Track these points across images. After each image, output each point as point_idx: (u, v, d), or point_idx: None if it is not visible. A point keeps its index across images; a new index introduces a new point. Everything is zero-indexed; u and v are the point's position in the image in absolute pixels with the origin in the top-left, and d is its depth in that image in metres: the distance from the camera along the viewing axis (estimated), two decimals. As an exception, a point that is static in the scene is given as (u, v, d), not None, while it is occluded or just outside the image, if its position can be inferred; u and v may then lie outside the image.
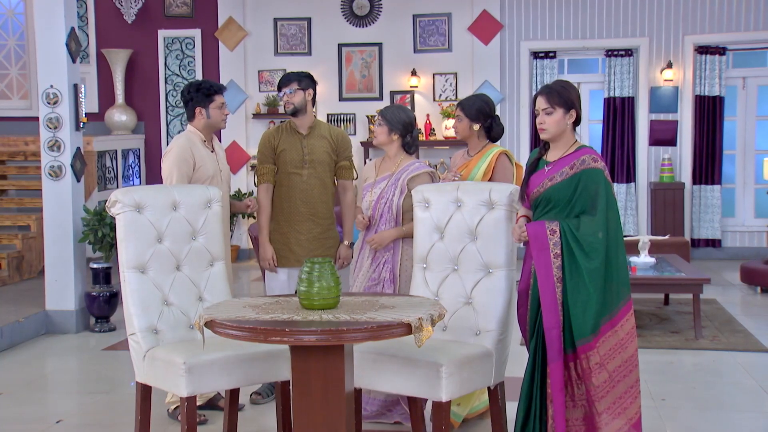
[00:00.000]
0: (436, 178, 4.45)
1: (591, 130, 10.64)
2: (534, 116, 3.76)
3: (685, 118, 10.20)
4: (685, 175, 10.23)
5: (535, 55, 10.36)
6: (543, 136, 3.72)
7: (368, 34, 10.55)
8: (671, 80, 10.10)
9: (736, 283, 8.34)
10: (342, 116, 10.62)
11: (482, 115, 4.44)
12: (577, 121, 3.67)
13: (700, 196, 10.19)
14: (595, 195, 3.56)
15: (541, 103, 3.68)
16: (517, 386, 3.80)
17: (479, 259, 3.91)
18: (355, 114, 10.59)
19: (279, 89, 4.75)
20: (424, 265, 4.07)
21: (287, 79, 4.74)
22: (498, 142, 4.63)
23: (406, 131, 4.47)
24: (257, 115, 10.68)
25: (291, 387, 3.29)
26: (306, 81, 4.76)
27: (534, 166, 3.73)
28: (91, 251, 7.15)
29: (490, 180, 4.38)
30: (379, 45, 10.53)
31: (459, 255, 3.97)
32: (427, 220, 4.07)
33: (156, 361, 3.79)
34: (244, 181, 10.70)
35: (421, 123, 10.32)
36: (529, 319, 3.73)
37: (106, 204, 4.02)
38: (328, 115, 10.62)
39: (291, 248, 4.74)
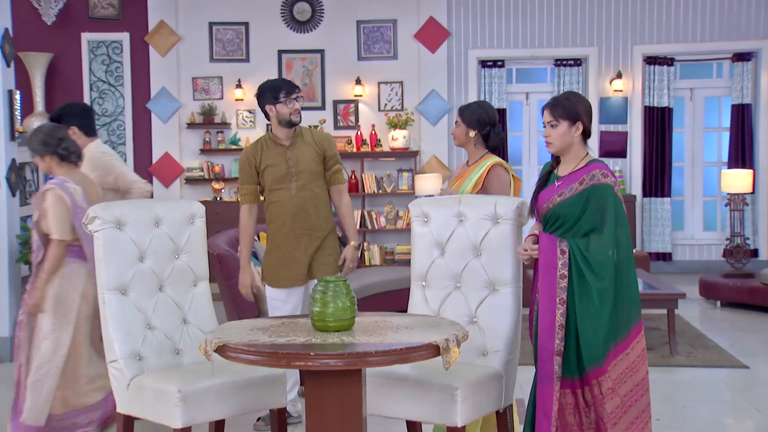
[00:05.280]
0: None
1: (540, 142, 10.83)
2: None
3: (635, 130, 10.50)
4: (636, 187, 10.51)
5: (483, 63, 10.50)
6: (549, 149, 3.76)
7: (310, 40, 10.51)
8: (621, 90, 10.38)
9: (694, 297, 8.60)
10: (283, 126, 10.51)
11: (480, 123, 4.47)
12: (586, 134, 3.71)
13: (650, 209, 10.49)
14: (604, 212, 3.58)
15: (546, 115, 3.72)
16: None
17: (484, 276, 3.91)
18: (296, 124, 10.50)
19: (289, 94, 4.59)
20: (423, 283, 4.06)
21: (294, 85, 4.66)
22: (492, 153, 4.63)
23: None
24: (192, 125, 10.49)
25: (305, 413, 3.22)
26: None
27: (544, 180, 3.77)
28: (28, 271, 6.87)
29: (479, 193, 4.39)
30: (322, 52, 10.50)
31: (462, 272, 3.97)
32: (426, 235, 4.06)
33: (143, 390, 3.67)
34: (177, 195, 10.48)
35: (366, 134, 10.33)
36: (533, 338, 3.75)
37: (83, 220, 3.88)
38: (267, 125, 10.50)
39: (289, 267, 4.68)
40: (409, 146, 10.28)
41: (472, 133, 4.49)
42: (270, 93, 4.60)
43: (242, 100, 10.47)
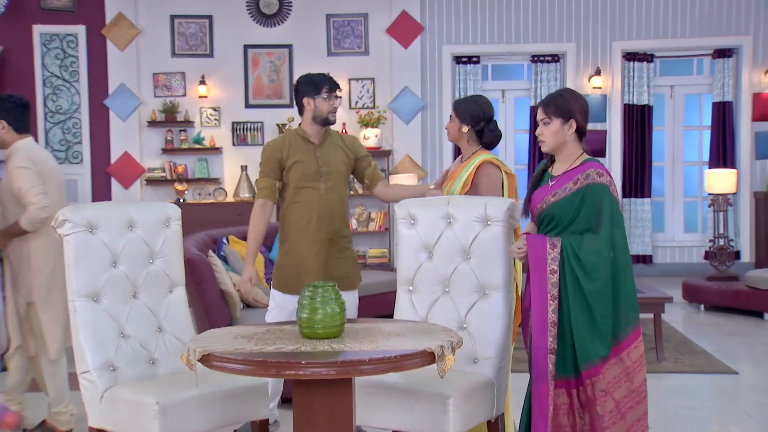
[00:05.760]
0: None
1: (517, 140, 10.92)
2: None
3: (615, 128, 10.62)
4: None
5: (458, 59, 10.56)
6: (543, 148, 3.80)
7: (277, 34, 10.49)
8: (599, 88, 10.49)
9: (678, 301, 8.71)
10: (248, 125, 10.50)
11: (473, 118, 4.47)
12: (581, 132, 3.74)
13: (630, 210, 10.61)
14: (600, 212, 3.62)
15: (539, 113, 3.76)
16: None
17: (474, 280, 3.94)
18: (263, 122, 10.50)
19: (331, 91, 4.51)
20: (410, 288, 4.07)
21: (337, 83, 4.58)
22: (485, 150, 4.60)
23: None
24: (153, 123, 10.43)
25: (293, 425, 3.22)
26: None
27: (538, 179, 3.80)
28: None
29: (468, 192, 4.40)
30: (289, 47, 10.49)
31: (451, 276, 3.98)
32: (413, 237, 4.07)
33: (118, 403, 3.63)
34: (137, 197, 10.40)
35: (337, 132, 10.33)
36: (527, 344, 3.78)
37: (52, 224, 3.84)
38: (232, 123, 10.48)
39: (310, 273, 4.48)
40: (382, 145, 10.30)
41: (465, 129, 4.49)
42: (312, 86, 4.52)
43: (206, 97, 10.43)
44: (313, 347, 3.09)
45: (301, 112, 4.60)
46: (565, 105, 3.69)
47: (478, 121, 4.48)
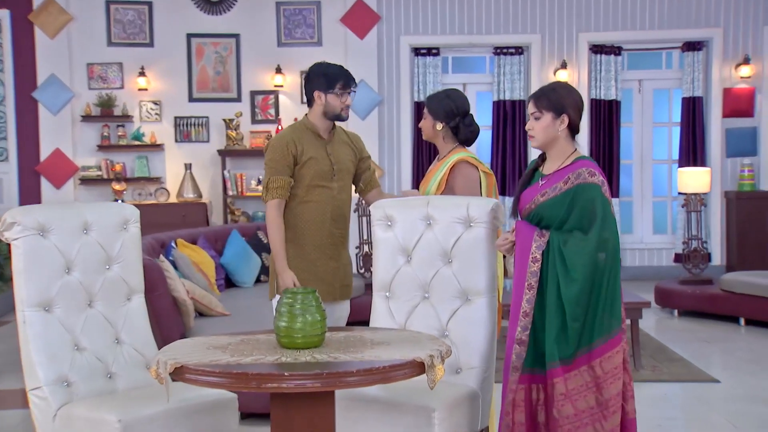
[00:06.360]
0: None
1: (481, 139, 10.95)
2: (418, 121, 3.85)
3: (581, 124, 10.70)
4: (582, 187, 10.73)
5: (417, 51, 10.59)
6: (532, 143, 3.82)
7: (223, 23, 10.41)
8: (565, 81, 10.58)
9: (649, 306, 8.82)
10: (192, 120, 10.40)
11: (447, 113, 4.48)
12: (573, 129, 3.76)
13: (598, 211, 10.71)
14: (590, 213, 3.64)
15: (530, 107, 3.78)
16: None
17: (456, 285, 3.94)
18: (208, 117, 10.41)
19: (346, 87, 4.40)
20: (387, 294, 4.07)
21: (353, 78, 4.46)
22: (462, 147, 4.61)
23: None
24: (87, 118, 10.27)
25: (271, 443, 3.19)
26: None
27: (528, 179, 3.82)
28: None
29: (443, 193, 4.41)
30: (237, 36, 10.42)
31: (431, 281, 3.99)
32: (390, 240, 4.06)
33: (73, 421, 3.56)
34: (71, 195, 10.22)
35: (288, 128, 10.28)
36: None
37: (-2, 227, 3.74)
38: (175, 118, 10.37)
39: (325, 279, 4.38)
40: (336, 142, 10.26)
41: (439, 126, 4.50)
42: (325, 79, 4.39)
43: (146, 89, 10.30)
44: (295, 358, 3.07)
45: (309, 103, 4.47)
46: (558, 99, 3.71)
47: (452, 117, 4.49)
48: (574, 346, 3.57)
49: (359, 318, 5.46)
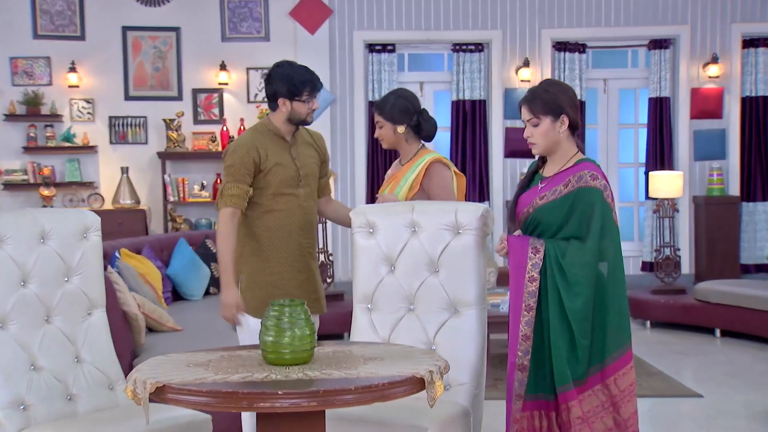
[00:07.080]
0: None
1: (438, 140, 10.97)
2: (372, 124, 3.85)
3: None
4: (546, 192, 10.84)
5: (371, 48, 10.60)
6: (534, 151, 3.82)
7: (162, 15, 10.31)
8: (528, 81, 10.68)
9: (620, 317, 8.94)
10: (129, 120, 10.28)
11: (405, 114, 4.51)
12: (574, 127, 3.78)
13: (562, 218, 10.83)
14: (590, 219, 3.66)
15: (524, 113, 3.78)
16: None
17: (444, 296, 3.96)
18: (146, 117, 10.29)
19: (312, 93, 4.33)
20: (369, 305, 4.07)
21: (320, 81, 4.40)
22: (427, 146, 4.63)
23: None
24: (11, 117, 10.09)
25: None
26: None
27: (528, 182, 3.83)
28: None
29: (416, 196, 4.42)
30: (177, 30, 10.32)
31: (416, 292, 4.00)
32: (372, 249, 4.07)
33: (34, 447, 3.50)
34: (-6, 203, 10.03)
35: (233, 129, 10.22)
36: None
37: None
38: (110, 118, 10.24)
39: (291, 292, 4.30)
40: (285, 144, 10.22)
41: (401, 129, 4.53)
42: (291, 87, 4.29)
43: (77, 86, 10.15)
44: (285, 375, 3.05)
45: (271, 105, 4.39)
46: (553, 100, 3.72)
47: (410, 116, 4.53)
48: (585, 364, 3.59)
49: (324, 332, 5.43)
